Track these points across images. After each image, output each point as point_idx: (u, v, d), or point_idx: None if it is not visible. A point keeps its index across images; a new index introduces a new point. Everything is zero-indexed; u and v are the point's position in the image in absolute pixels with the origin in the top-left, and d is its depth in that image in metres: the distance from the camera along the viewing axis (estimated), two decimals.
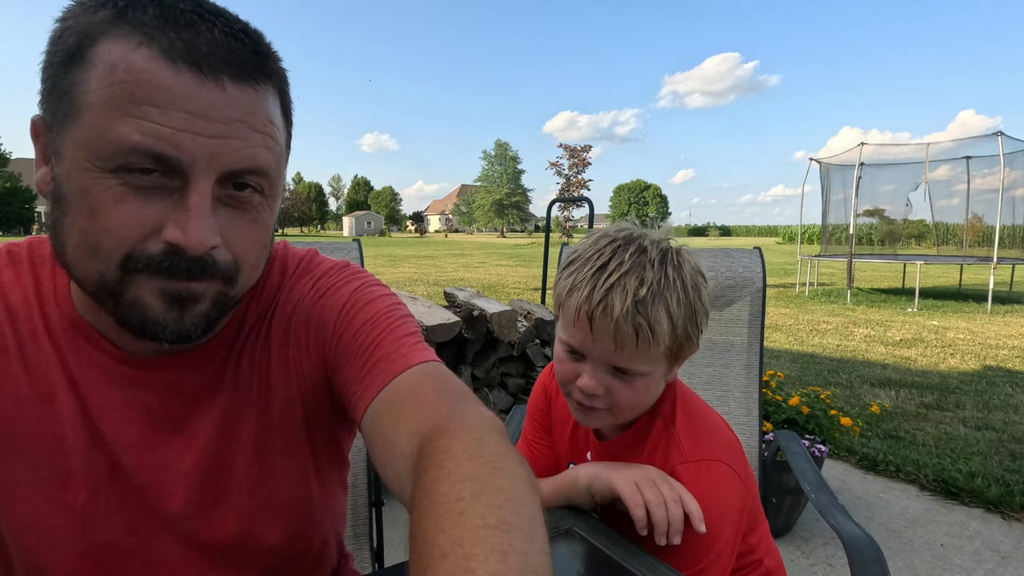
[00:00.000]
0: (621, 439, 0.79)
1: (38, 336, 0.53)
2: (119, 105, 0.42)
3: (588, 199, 3.84)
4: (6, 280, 0.54)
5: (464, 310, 2.55)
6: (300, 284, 0.64)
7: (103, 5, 0.44)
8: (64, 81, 0.44)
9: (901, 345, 5.35)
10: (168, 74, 0.42)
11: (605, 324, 0.66)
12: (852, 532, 0.89)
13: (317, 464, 0.66)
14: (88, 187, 0.44)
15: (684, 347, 0.70)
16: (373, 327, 0.58)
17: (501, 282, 10.73)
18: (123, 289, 0.46)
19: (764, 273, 1.53)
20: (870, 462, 2.71)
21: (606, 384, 0.70)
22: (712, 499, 0.67)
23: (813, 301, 8.47)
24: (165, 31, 0.43)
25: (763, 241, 49.96)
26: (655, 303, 0.65)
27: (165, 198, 0.45)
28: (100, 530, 0.55)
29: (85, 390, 0.54)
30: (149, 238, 0.45)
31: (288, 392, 0.61)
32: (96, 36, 0.43)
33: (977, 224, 10.55)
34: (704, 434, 0.74)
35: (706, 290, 0.71)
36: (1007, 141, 8.07)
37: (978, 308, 7.68)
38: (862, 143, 8.97)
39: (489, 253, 22.31)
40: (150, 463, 0.56)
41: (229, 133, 0.45)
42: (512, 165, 63.41)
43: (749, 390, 1.49)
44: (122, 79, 0.42)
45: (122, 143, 0.42)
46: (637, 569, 0.60)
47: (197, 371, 0.58)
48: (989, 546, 2.04)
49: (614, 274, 0.67)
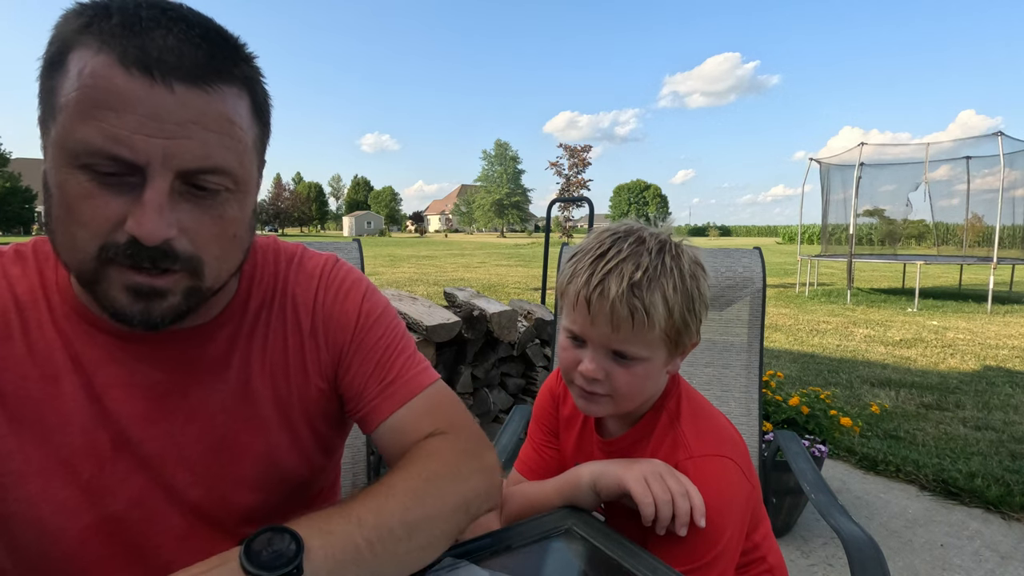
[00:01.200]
0: (626, 436, 0.79)
1: (43, 323, 0.57)
2: (82, 108, 0.46)
3: (588, 199, 3.83)
4: (13, 275, 0.59)
5: (464, 310, 2.55)
6: (301, 277, 0.70)
7: (80, 15, 0.47)
8: (47, 85, 0.48)
9: (901, 345, 5.35)
10: (122, 79, 0.45)
11: (602, 307, 0.68)
12: (852, 532, 0.89)
13: (318, 442, 0.71)
14: (63, 183, 0.48)
15: (683, 335, 0.71)
16: (387, 348, 0.70)
17: (501, 282, 10.73)
18: (98, 279, 0.50)
19: (764, 273, 1.53)
20: (870, 462, 2.71)
21: (606, 368, 0.71)
22: (717, 495, 0.68)
23: (813, 301, 8.47)
24: (121, 38, 0.46)
25: (763, 241, 49.97)
26: (651, 287, 0.67)
27: (128, 193, 0.48)
28: (107, 502, 0.58)
29: (90, 369, 0.58)
30: (116, 230, 0.48)
31: (302, 378, 0.67)
32: (72, 44, 0.47)
33: (977, 224, 10.55)
34: (709, 430, 0.75)
35: (705, 282, 0.72)
36: (1007, 141, 8.07)
37: (978, 308, 7.68)
38: (862, 143, 8.97)
39: (489, 253, 22.31)
40: (155, 435, 0.60)
41: (181, 134, 0.47)
42: (512, 165, 63.42)
43: (749, 390, 1.49)
44: (84, 84, 0.46)
45: (85, 144, 0.46)
46: (637, 569, 0.60)
47: (201, 347, 0.62)
48: (989, 546, 2.05)
49: (612, 260, 0.69)
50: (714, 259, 1.56)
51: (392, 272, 12.93)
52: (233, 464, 0.64)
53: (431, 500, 0.58)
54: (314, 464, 0.72)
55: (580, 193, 40.42)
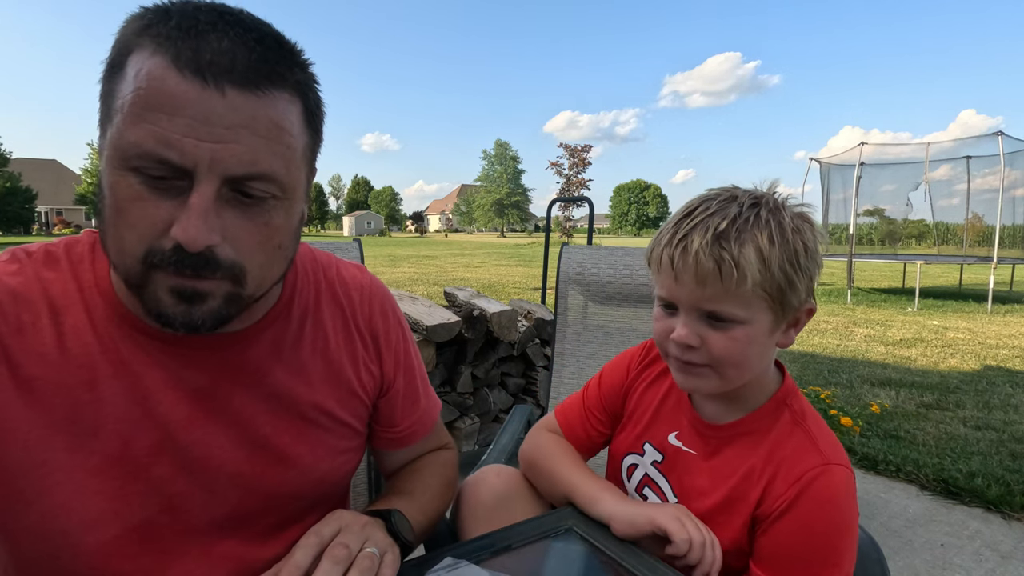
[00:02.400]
0: (739, 423, 0.71)
1: (80, 327, 0.56)
2: (136, 111, 0.46)
3: (588, 199, 3.83)
4: (47, 278, 0.57)
5: (464, 310, 2.55)
6: (347, 288, 0.74)
7: (141, 18, 0.48)
8: (107, 89, 0.49)
9: (901, 345, 5.35)
10: (175, 81, 0.45)
11: (686, 263, 0.62)
12: None
13: (352, 448, 0.74)
14: (115, 184, 0.48)
15: (787, 295, 0.63)
16: (418, 368, 0.81)
17: (501, 282, 10.73)
18: (144, 283, 0.51)
19: None
20: (870, 462, 2.71)
21: (700, 333, 0.64)
22: (848, 507, 0.64)
23: None
24: (177, 40, 0.46)
25: None
26: (739, 237, 0.61)
27: (175, 197, 0.48)
28: (135, 511, 0.57)
29: (136, 371, 0.57)
30: (162, 236, 0.48)
31: (346, 386, 0.71)
32: (131, 47, 0.47)
33: (977, 224, 10.55)
34: (834, 439, 0.69)
35: (814, 238, 0.65)
36: (1007, 141, 8.07)
37: (978, 308, 7.68)
38: (862, 143, 8.97)
39: (489, 253, 22.31)
40: (199, 439, 0.59)
41: (230, 138, 0.47)
42: (512, 165, 63.41)
43: None
44: (139, 86, 0.46)
45: (136, 147, 0.46)
46: (637, 569, 0.60)
47: (244, 352, 0.62)
48: (989, 546, 2.04)
49: (698, 216, 0.64)
50: None
51: (392, 272, 12.93)
52: (274, 467, 0.64)
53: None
54: (345, 469, 0.73)
55: (580, 193, 40.41)
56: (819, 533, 0.63)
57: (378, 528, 0.62)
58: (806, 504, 0.63)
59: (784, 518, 0.64)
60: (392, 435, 0.79)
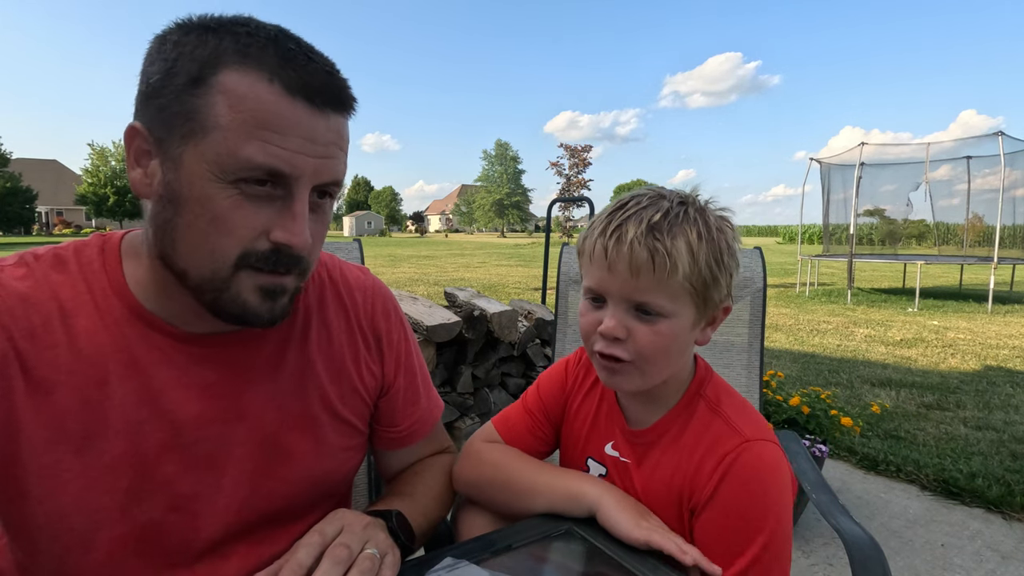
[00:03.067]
0: (659, 425, 0.72)
1: (91, 329, 0.57)
2: (247, 130, 0.50)
3: (588, 199, 3.83)
4: (56, 281, 0.58)
5: (465, 310, 2.55)
6: (351, 287, 0.76)
7: (222, 36, 0.52)
8: (188, 103, 0.51)
9: (902, 345, 5.34)
10: (287, 106, 0.51)
11: (620, 252, 0.63)
12: (853, 532, 0.89)
13: (355, 446, 0.75)
14: (212, 195, 0.52)
15: (711, 290, 0.65)
16: (419, 368, 0.82)
17: (501, 282, 10.73)
18: (228, 285, 0.55)
19: (764, 273, 1.53)
20: (871, 462, 2.70)
21: (628, 326, 0.65)
22: (775, 481, 0.65)
23: (813, 301, 8.47)
24: (286, 69, 0.51)
25: (763, 241, 49.96)
26: (671, 229, 0.63)
27: (271, 205, 0.54)
28: (144, 508, 0.58)
29: (147, 370, 0.58)
30: (258, 238, 0.54)
31: (351, 383, 0.72)
32: (218, 66, 0.51)
33: (978, 224, 10.53)
34: (755, 416, 0.70)
35: (734, 239, 0.67)
36: (1008, 141, 8.06)
37: (979, 308, 7.68)
38: (862, 143, 8.96)
39: (489, 253, 22.31)
40: (209, 436, 0.61)
41: (327, 154, 0.55)
42: (512, 165, 63.38)
43: (750, 390, 1.49)
44: (251, 108, 0.50)
45: (249, 161, 0.51)
46: (637, 569, 0.60)
47: (255, 349, 0.65)
48: (990, 546, 2.04)
49: (631, 209, 0.66)
50: None
51: (392, 272, 12.93)
52: (279, 464, 0.65)
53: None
54: (347, 468, 0.75)
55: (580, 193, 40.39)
56: (745, 509, 0.64)
57: (379, 529, 0.63)
58: (730, 484, 0.64)
59: (712, 502, 0.65)
60: (393, 435, 0.80)
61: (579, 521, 0.69)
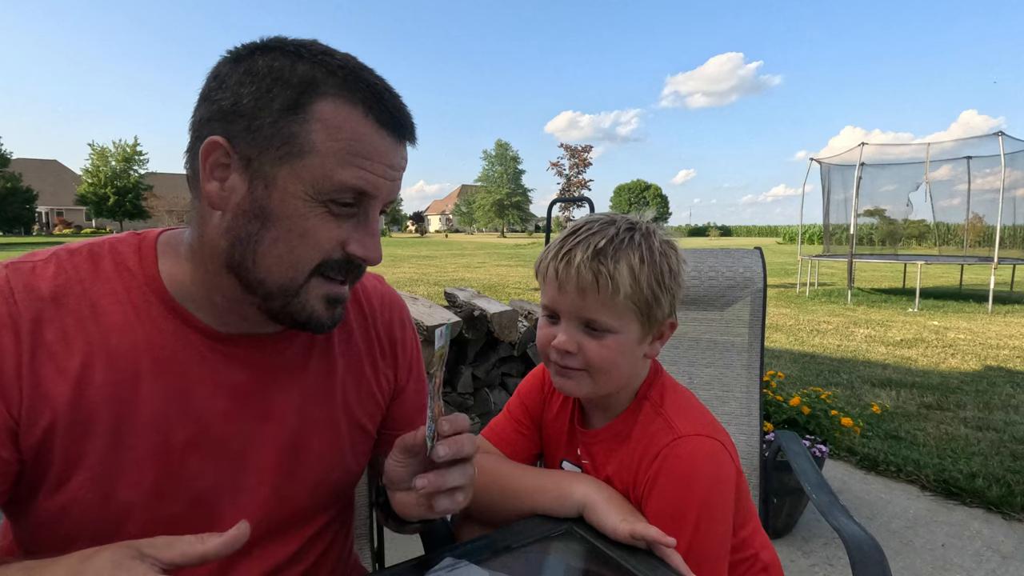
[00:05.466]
0: (608, 428, 0.78)
1: (126, 324, 0.59)
2: (344, 157, 0.56)
3: (588, 199, 3.82)
4: (89, 278, 0.59)
5: (465, 310, 2.55)
6: (370, 294, 0.79)
7: (313, 66, 0.56)
8: (285, 128, 0.55)
9: (902, 345, 5.34)
10: (377, 137, 0.58)
11: (568, 274, 0.70)
12: (853, 532, 0.89)
13: (366, 450, 0.77)
14: (305, 213, 0.57)
15: (654, 309, 0.72)
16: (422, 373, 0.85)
17: (501, 282, 10.73)
18: (299, 292, 0.59)
19: (765, 273, 1.52)
20: (871, 462, 2.70)
21: (578, 341, 0.72)
22: (706, 473, 0.68)
23: (814, 301, 8.47)
24: (379, 104, 0.57)
25: (764, 241, 49.94)
26: (615, 255, 0.69)
27: (348, 221, 0.59)
28: (167, 503, 0.60)
29: (179, 367, 0.60)
30: (336, 249, 0.59)
31: (368, 387, 0.75)
32: (315, 95, 0.55)
33: (978, 224, 10.54)
34: (694, 413, 0.75)
35: (678, 262, 0.73)
36: (1008, 141, 8.06)
37: (979, 308, 7.68)
38: (863, 143, 8.96)
39: (489, 253, 22.32)
40: (234, 434, 0.63)
41: (397, 177, 0.61)
42: (513, 165, 63.37)
43: (750, 390, 1.49)
44: (348, 138, 0.56)
45: (343, 184, 0.56)
46: (637, 569, 0.60)
47: (282, 352, 0.67)
48: (990, 546, 2.04)
49: (581, 235, 0.72)
50: (714, 259, 1.56)
51: (392, 272, 12.93)
52: (300, 465, 0.67)
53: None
54: (357, 471, 0.77)
55: (581, 193, 40.36)
56: (677, 501, 0.68)
57: None
58: (664, 478, 0.69)
59: (650, 496, 0.70)
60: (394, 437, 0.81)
61: (578, 521, 0.69)
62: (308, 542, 0.72)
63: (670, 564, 0.61)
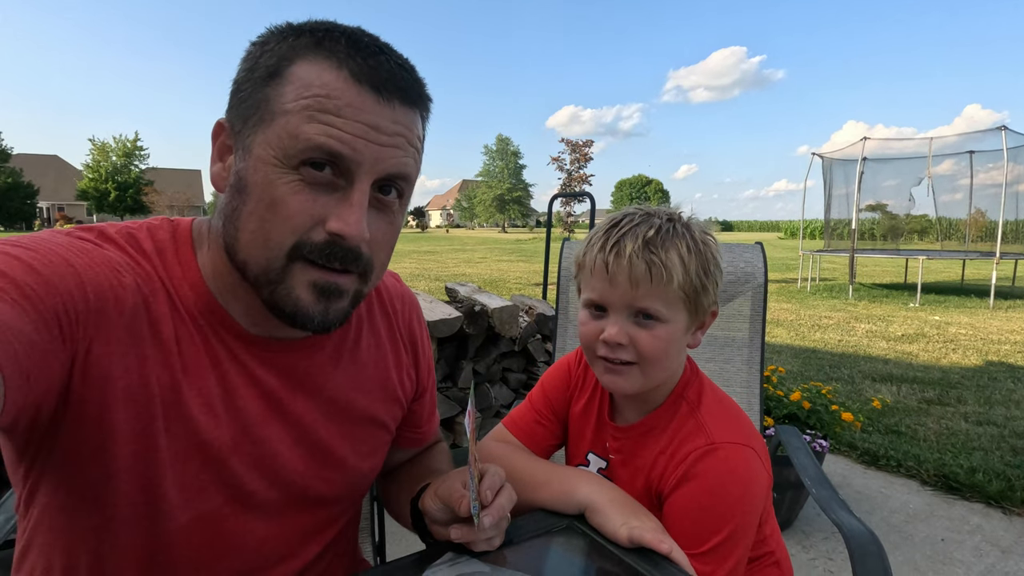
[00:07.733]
0: (642, 424, 0.78)
1: (180, 317, 0.56)
2: (310, 113, 0.51)
3: (590, 194, 3.81)
4: (127, 264, 0.55)
5: (465, 305, 2.55)
6: (392, 297, 0.77)
7: (302, 34, 0.53)
8: (261, 93, 0.52)
9: (903, 340, 5.34)
10: (354, 92, 0.52)
11: (620, 265, 0.70)
12: (853, 526, 0.89)
13: (384, 453, 0.76)
14: (273, 180, 0.52)
15: (701, 297, 0.72)
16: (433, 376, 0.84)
17: (502, 277, 10.73)
18: (282, 278, 0.54)
19: (766, 268, 1.52)
20: (871, 457, 2.71)
21: (629, 333, 0.71)
22: (738, 482, 0.68)
23: (815, 296, 8.46)
24: (355, 58, 0.52)
25: (765, 236, 49.82)
26: (664, 244, 0.69)
27: (331, 194, 0.53)
28: (204, 500, 0.59)
29: (222, 367, 0.59)
30: (315, 228, 0.53)
31: (396, 389, 0.75)
32: (294, 58, 0.52)
33: (980, 219, 10.51)
34: (731, 419, 0.74)
35: (717, 251, 0.74)
36: (1011, 135, 8.03)
37: (980, 303, 7.67)
38: (865, 138, 8.93)
39: (490, 248, 22.29)
40: (268, 437, 0.62)
41: (391, 144, 0.54)
42: (514, 160, 63.19)
43: (750, 385, 1.49)
44: (316, 93, 0.51)
45: (309, 141, 0.50)
46: (640, 565, 0.60)
47: (311, 356, 0.65)
48: (990, 541, 2.05)
49: (625, 226, 0.72)
50: None
51: (393, 267, 12.83)
52: (324, 471, 0.67)
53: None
54: (376, 470, 0.76)
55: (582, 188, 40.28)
56: (705, 506, 0.68)
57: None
58: (694, 483, 0.68)
59: (674, 496, 0.70)
60: (416, 435, 0.84)
61: (581, 517, 0.69)
62: (332, 543, 0.73)
63: (672, 560, 0.61)
